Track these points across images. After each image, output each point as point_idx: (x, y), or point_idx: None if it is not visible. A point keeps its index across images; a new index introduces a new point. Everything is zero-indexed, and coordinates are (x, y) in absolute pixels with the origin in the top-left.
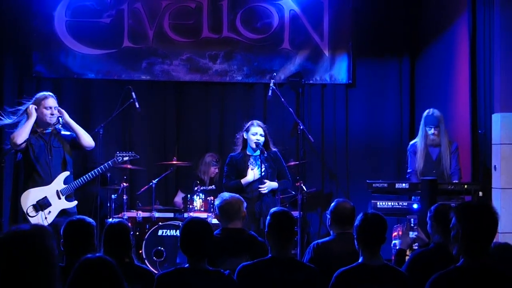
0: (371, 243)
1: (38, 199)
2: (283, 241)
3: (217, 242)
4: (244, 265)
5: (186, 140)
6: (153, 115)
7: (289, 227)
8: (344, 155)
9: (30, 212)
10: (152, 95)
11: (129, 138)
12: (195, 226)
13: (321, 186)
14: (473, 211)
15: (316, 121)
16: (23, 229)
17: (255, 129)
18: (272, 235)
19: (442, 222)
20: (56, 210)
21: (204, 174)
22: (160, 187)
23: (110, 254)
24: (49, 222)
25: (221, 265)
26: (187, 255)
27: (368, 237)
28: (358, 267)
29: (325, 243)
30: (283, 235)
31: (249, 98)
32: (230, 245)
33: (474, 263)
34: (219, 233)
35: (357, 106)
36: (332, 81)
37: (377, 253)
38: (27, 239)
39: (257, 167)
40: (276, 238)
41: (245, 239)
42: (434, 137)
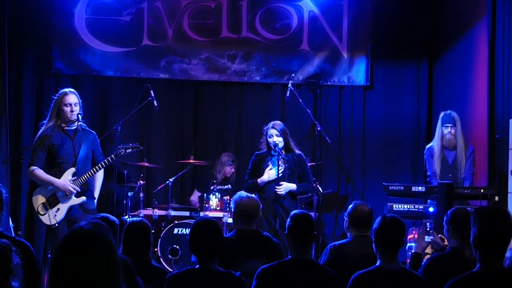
0: (390, 246)
1: (48, 197)
2: (303, 244)
3: (232, 244)
4: (264, 268)
5: (203, 139)
6: (171, 114)
7: (309, 230)
8: (360, 157)
9: (41, 210)
10: (170, 93)
11: (146, 136)
12: (204, 227)
13: (337, 188)
14: (489, 216)
15: (333, 122)
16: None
17: (270, 131)
18: (292, 237)
19: (459, 227)
20: (64, 207)
21: (220, 173)
22: (176, 185)
23: (129, 253)
24: (58, 220)
25: (237, 268)
26: (197, 256)
27: (387, 240)
28: (375, 271)
29: (342, 245)
30: (304, 238)
31: (267, 99)
32: (245, 247)
33: (490, 268)
34: (234, 235)
35: (374, 108)
36: (350, 83)
37: (395, 257)
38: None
39: (275, 168)
40: (297, 240)
41: (260, 241)
42: (451, 137)
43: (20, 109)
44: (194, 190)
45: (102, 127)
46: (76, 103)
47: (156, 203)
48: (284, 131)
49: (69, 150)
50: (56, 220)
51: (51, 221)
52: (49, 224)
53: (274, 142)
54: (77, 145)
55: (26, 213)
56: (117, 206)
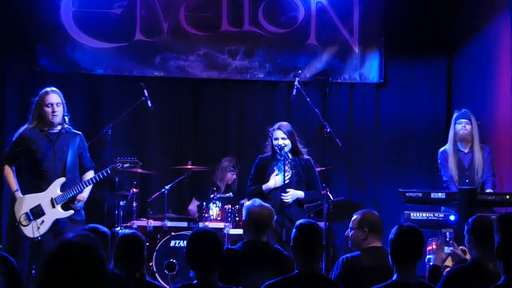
0: (407, 258)
1: (31, 207)
2: (310, 256)
3: (238, 256)
4: (268, 284)
5: (202, 142)
6: (167, 115)
7: (316, 241)
8: (374, 161)
9: (23, 221)
10: (165, 93)
11: (140, 139)
12: (202, 238)
13: (349, 195)
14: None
15: (343, 123)
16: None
17: (276, 133)
18: (298, 249)
19: (481, 236)
20: (50, 220)
21: (221, 180)
22: (173, 193)
23: (121, 267)
24: (42, 232)
25: (244, 282)
26: (194, 270)
27: (404, 252)
28: (392, 285)
29: (355, 258)
30: (310, 250)
31: (271, 98)
32: (254, 260)
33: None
34: (242, 247)
35: (389, 107)
36: (362, 80)
37: (413, 270)
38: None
39: (281, 174)
40: (303, 253)
41: (271, 254)
42: (465, 133)
43: (2, 112)
44: (192, 199)
45: (91, 130)
46: (58, 103)
47: (151, 213)
48: (291, 133)
49: (52, 156)
50: (39, 233)
51: (34, 234)
52: (31, 236)
53: (280, 145)
54: (60, 149)
55: (8, 224)
56: (108, 216)
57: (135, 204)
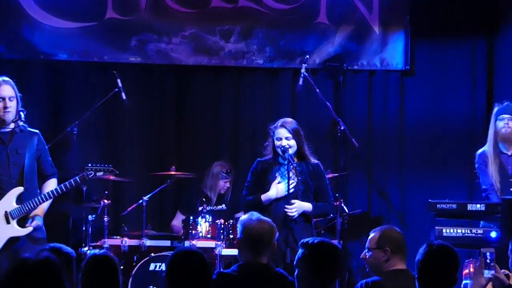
0: (438, 284)
1: None
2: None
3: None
4: None
5: (188, 143)
6: (146, 110)
7: (329, 264)
8: (398, 166)
9: None
10: (144, 83)
11: (112, 140)
12: (185, 260)
13: (368, 206)
14: None
15: (361, 119)
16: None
17: (279, 131)
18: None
19: None
20: (3, 238)
21: (211, 189)
22: (153, 205)
23: None
24: None
25: None
26: None
27: (435, 276)
28: None
29: (376, 283)
30: (321, 275)
31: (272, 89)
32: (251, 287)
33: None
34: (237, 270)
35: (416, 99)
36: (384, 66)
37: None
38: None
39: (284, 181)
40: (311, 278)
41: (271, 279)
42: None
43: None
44: (176, 212)
45: (53, 128)
46: (11, 96)
47: (126, 230)
48: (296, 131)
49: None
50: None
51: None
52: None
53: (283, 146)
54: (13, 152)
55: None
56: (74, 234)
57: (106, 218)
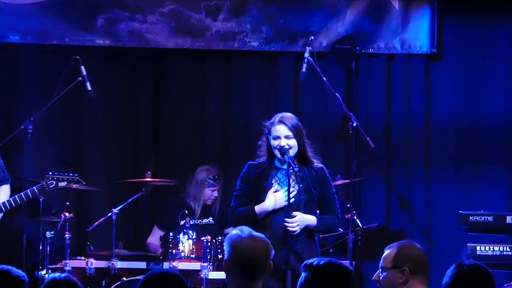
0: None
1: None
2: None
3: None
4: None
5: (168, 144)
6: (116, 104)
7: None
8: (423, 170)
9: None
10: (114, 71)
11: (75, 140)
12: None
13: (386, 220)
14: None
15: (378, 113)
16: None
17: (276, 128)
18: None
19: None
20: None
21: (196, 199)
22: (125, 219)
23: None
24: None
25: None
26: None
27: None
28: None
29: None
30: None
31: (270, 77)
32: None
33: None
34: None
35: (444, 89)
36: (405, 50)
37: None
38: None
39: (283, 189)
40: None
41: None
42: None
43: None
44: (153, 227)
45: (3, 125)
46: None
47: (92, 249)
48: (298, 129)
49: None
50: None
51: None
52: None
53: (282, 146)
54: None
55: None
56: (29, 254)
57: (68, 235)
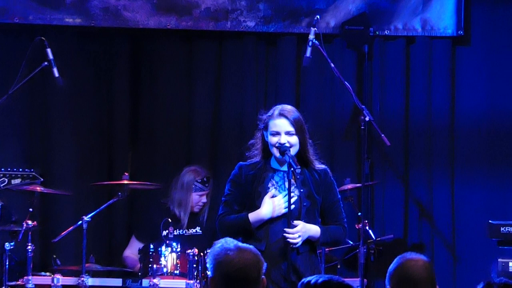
0: None
1: None
2: None
3: None
4: None
5: (148, 141)
6: (87, 93)
7: None
8: (447, 172)
9: None
10: (85, 54)
11: (39, 135)
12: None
13: (403, 230)
14: None
15: (395, 106)
16: None
17: (275, 123)
18: None
19: None
20: None
21: (181, 206)
22: (98, 229)
23: None
24: None
25: None
26: None
27: None
28: None
29: None
30: None
31: (268, 63)
32: None
33: None
34: None
35: (473, 77)
36: (427, 31)
37: None
38: None
39: (281, 194)
40: None
41: None
42: None
43: None
44: (131, 238)
45: None
46: None
47: (59, 263)
48: (300, 124)
49: None
50: None
51: None
52: None
53: (282, 144)
54: None
55: None
56: None
57: (31, 247)
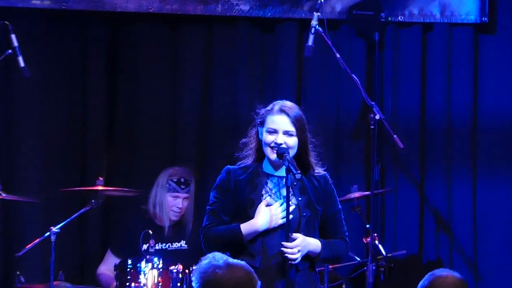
0: None
1: None
2: None
3: None
4: None
5: (126, 141)
6: (58, 85)
7: None
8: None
9: None
10: (55, 41)
11: (3, 134)
12: None
13: (418, 245)
14: None
15: (408, 102)
16: None
17: (275, 119)
18: None
19: None
20: None
21: (155, 207)
22: (68, 241)
23: None
24: None
25: None
26: None
27: None
28: None
29: None
30: None
31: (264, 52)
32: None
33: None
34: None
35: (498, 68)
36: (446, 18)
37: None
38: None
39: (277, 202)
40: None
41: None
42: None
43: None
44: (106, 253)
45: None
46: None
47: (23, 281)
48: (301, 124)
49: None
50: None
51: None
52: None
53: (278, 144)
54: None
55: None
56: None
57: None
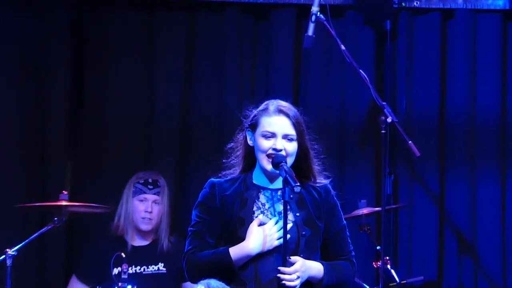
0: None
1: None
2: None
3: None
4: None
5: (94, 146)
6: (13, 82)
7: None
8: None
9: None
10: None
11: None
12: None
13: (437, 270)
14: None
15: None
16: None
17: (274, 120)
18: None
19: None
20: None
21: (126, 221)
22: (26, 265)
23: None
24: None
25: None
26: None
27: None
28: None
29: None
30: None
31: (256, 42)
32: None
33: None
34: None
35: None
36: (470, 3)
37: None
38: None
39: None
40: None
41: None
42: None
43: None
44: (71, 278)
45: None
46: None
47: None
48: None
49: None
50: None
51: None
52: None
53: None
54: None
55: None
56: None
57: None
